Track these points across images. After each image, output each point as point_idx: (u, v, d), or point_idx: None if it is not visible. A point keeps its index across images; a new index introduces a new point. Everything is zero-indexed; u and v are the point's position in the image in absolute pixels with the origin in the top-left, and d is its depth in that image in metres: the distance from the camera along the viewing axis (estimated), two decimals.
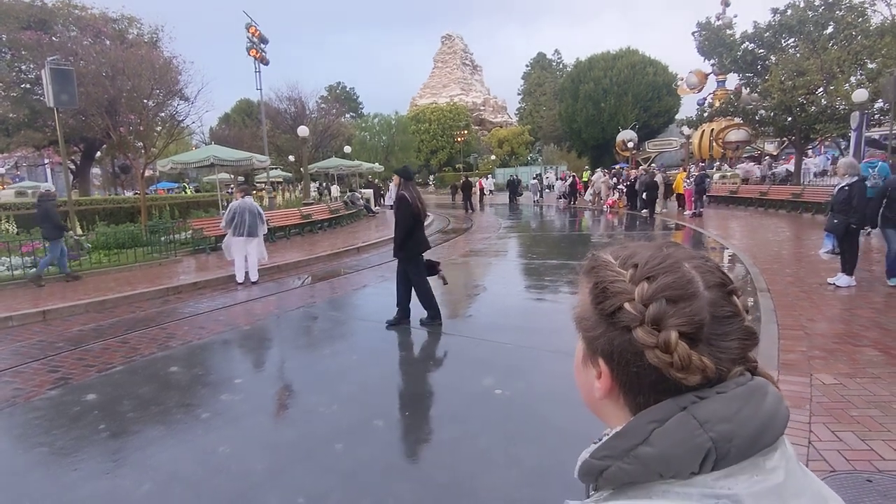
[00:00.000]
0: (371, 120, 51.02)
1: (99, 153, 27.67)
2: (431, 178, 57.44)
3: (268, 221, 13.70)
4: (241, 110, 54.68)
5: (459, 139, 56.20)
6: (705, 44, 26.12)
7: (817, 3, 22.32)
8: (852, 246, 6.90)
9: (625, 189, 22.79)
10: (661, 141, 39.24)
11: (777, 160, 30.36)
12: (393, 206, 6.39)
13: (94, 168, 33.67)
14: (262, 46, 20.13)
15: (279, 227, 15.30)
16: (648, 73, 44.25)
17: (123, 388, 4.65)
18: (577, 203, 27.00)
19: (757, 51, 24.25)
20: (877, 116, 20.06)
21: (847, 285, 6.87)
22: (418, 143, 54.36)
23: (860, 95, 15.96)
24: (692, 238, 13.52)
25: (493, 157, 58.84)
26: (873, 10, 20.85)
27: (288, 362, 5.57)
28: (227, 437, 3.69)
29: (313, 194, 25.21)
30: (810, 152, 27.52)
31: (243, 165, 18.71)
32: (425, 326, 6.16)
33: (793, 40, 22.91)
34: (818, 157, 27.72)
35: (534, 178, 33.10)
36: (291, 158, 35.17)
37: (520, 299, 7.84)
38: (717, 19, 28.70)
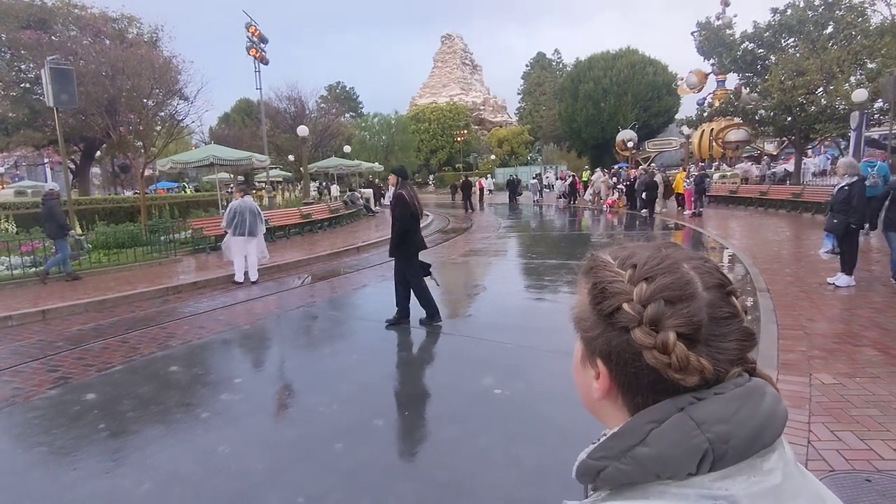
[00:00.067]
0: (371, 119, 50.99)
1: (99, 153, 27.65)
2: (431, 177, 57.41)
3: (267, 221, 13.76)
4: (240, 110, 54.67)
5: (459, 139, 56.19)
6: (705, 43, 26.14)
7: (817, 2, 22.34)
8: (852, 246, 6.90)
9: (624, 189, 22.82)
10: (661, 141, 39.25)
11: (777, 160, 30.37)
12: (390, 204, 6.39)
13: (94, 167, 33.65)
14: (262, 46, 20.14)
15: (279, 226, 15.30)
16: (648, 73, 44.29)
17: (123, 387, 4.65)
18: (576, 203, 27.02)
19: (757, 50, 24.28)
20: (876, 116, 20.08)
21: (846, 285, 6.88)
22: (418, 143, 54.33)
23: (860, 95, 15.97)
24: (692, 238, 13.52)
25: (492, 156, 58.82)
26: (873, 10, 20.90)
27: (288, 362, 5.58)
28: (227, 436, 3.69)
29: (313, 194, 25.21)
30: (810, 152, 27.54)
31: (243, 165, 18.73)
32: (425, 326, 6.17)
33: (792, 40, 22.92)
34: (818, 156, 27.72)
35: (533, 178, 33.10)
36: (291, 158, 35.18)
37: (519, 299, 7.84)
38: (717, 19, 28.72)
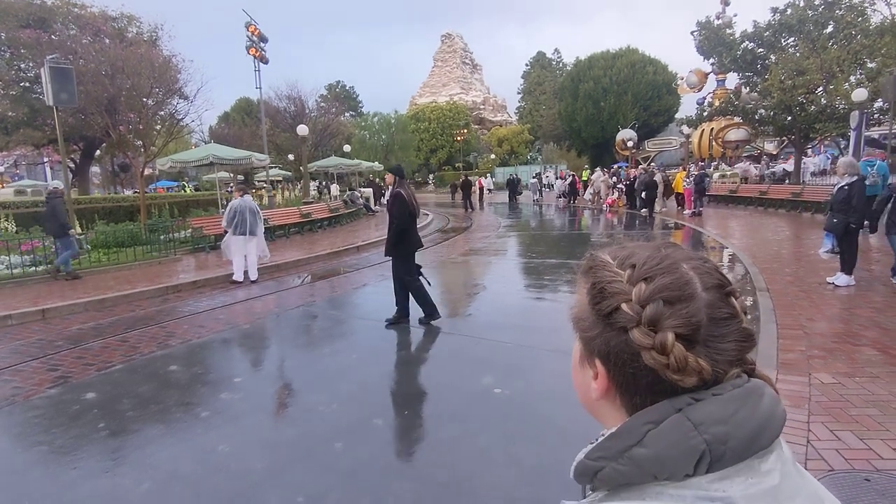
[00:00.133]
0: (371, 119, 50.95)
1: (98, 152, 27.64)
2: (431, 176, 57.39)
3: (267, 220, 13.77)
4: (240, 109, 54.65)
5: (459, 138, 56.16)
6: (705, 43, 26.11)
7: (817, 2, 22.32)
8: (851, 245, 6.90)
9: (624, 188, 22.83)
10: (661, 140, 39.23)
11: (776, 160, 30.37)
12: (388, 203, 6.40)
13: (94, 167, 33.61)
14: (262, 45, 20.10)
15: (279, 225, 15.30)
16: (648, 73, 44.27)
17: (123, 386, 4.65)
18: (576, 202, 27.03)
19: (757, 50, 24.25)
20: (876, 116, 20.08)
21: (846, 285, 6.88)
22: (418, 142, 54.29)
23: (860, 95, 15.96)
24: (691, 237, 13.53)
25: (492, 156, 58.78)
26: (873, 10, 20.87)
27: (287, 361, 5.58)
28: (227, 435, 3.69)
29: (313, 193, 25.21)
30: (810, 151, 27.53)
31: (243, 164, 18.73)
32: (424, 324, 6.18)
33: (792, 39, 22.90)
34: (818, 156, 27.71)
35: (533, 178, 33.11)
36: (291, 157, 35.18)
37: (519, 298, 7.85)
38: (717, 18, 28.68)
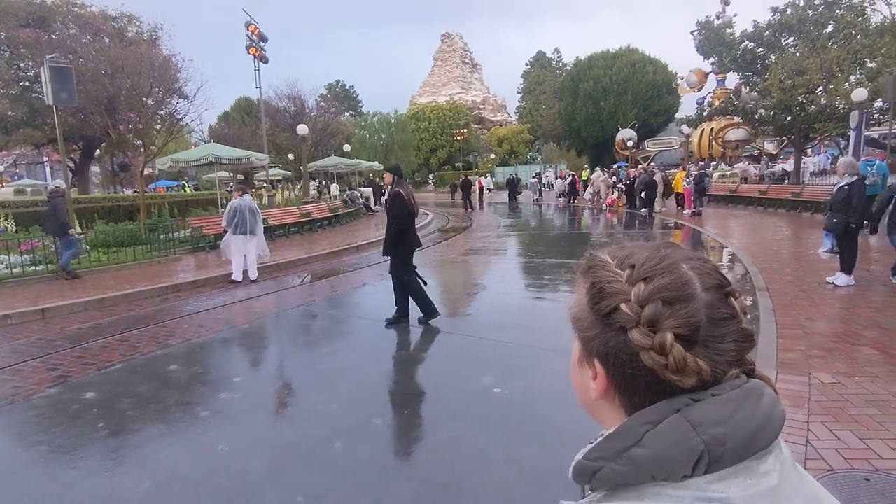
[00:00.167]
0: (370, 118, 50.89)
1: (98, 151, 27.62)
2: (431, 176, 57.37)
3: (267, 220, 13.77)
4: (240, 108, 54.64)
5: (459, 138, 56.14)
6: (705, 42, 26.09)
7: (817, 2, 22.29)
8: (851, 245, 6.90)
9: (624, 188, 22.84)
10: (661, 140, 39.24)
11: (776, 159, 30.38)
12: (386, 203, 6.38)
13: (94, 166, 33.59)
14: (262, 45, 20.08)
15: (279, 225, 15.30)
16: (648, 72, 44.28)
17: (122, 386, 4.65)
18: (576, 202, 27.04)
19: (757, 50, 24.22)
20: (876, 115, 20.08)
21: (846, 284, 6.88)
22: (418, 142, 54.25)
23: (859, 94, 15.95)
24: (691, 237, 13.53)
25: (492, 155, 58.74)
26: (873, 10, 20.85)
27: (287, 361, 5.58)
28: (227, 435, 3.69)
29: (313, 193, 25.22)
30: (810, 151, 27.53)
31: (242, 164, 18.72)
32: (423, 324, 6.19)
33: (792, 39, 22.88)
34: (818, 156, 27.71)
35: (533, 177, 33.11)
36: (291, 157, 35.17)
37: (519, 298, 7.85)
38: (717, 18, 28.68)
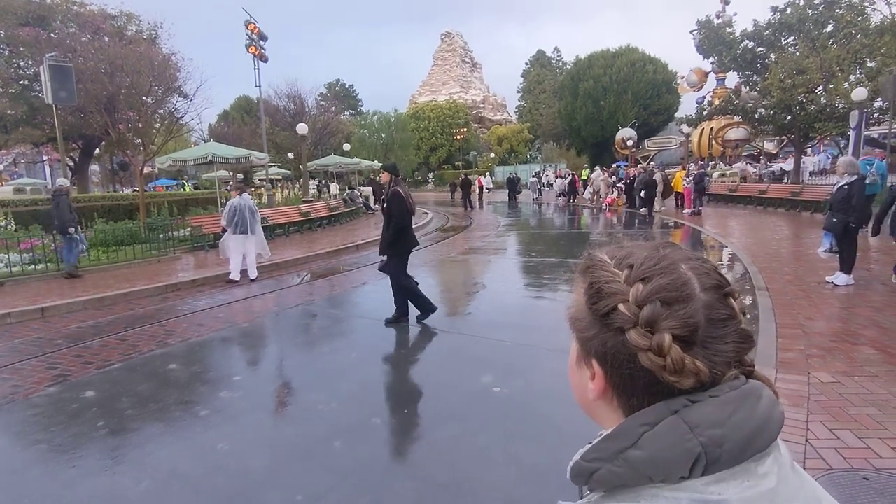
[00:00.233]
0: (370, 117, 50.84)
1: (98, 150, 27.61)
2: (431, 175, 57.35)
3: (266, 219, 13.78)
4: (240, 107, 54.63)
5: (459, 137, 56.12)
6: (705, 42, 26.09)
7: (817, 1, 22.28)
8: (851, 245, 6.90)
9: (623, 187, 22.84)
10: (661, 139, 39.29)
11: (775, 159, 30.39)
12: (384, 202, 6.33)
13: (93, 165, 33.55)
14: (262, 43, 20.05)
15: (278, 224, 15.29)
16: (648, 71, 44.25)
17: (122, 385, 4.65)
18: (575, 201, 27.05)
19: (757, 49, 24.22)
20: (876, 115, 20.09)
21: (845, 284, 6.88)
22: (417, 141, 54.22)
23: (859, 94, 15.94)
24: (691, 236, 13.53)
25: (492, 154, 58.73)
26: (873, 9, 20.83)
27: (287, 360, 5.58)
28: (226, 434, 3.69)
29: (312, 192, 25.22)
30: (809, 151, 27.52)
31: (242, 163, 18.70)
32: (421, 322, 6.20)
33: (792, 39, 22.87)
34: (818, 155, 27.72)
35: (533, 176, 33.12)
36: (290, 156, 35.16)
37: (519, 297, 7.85)
38: (717, 17, 28.68)
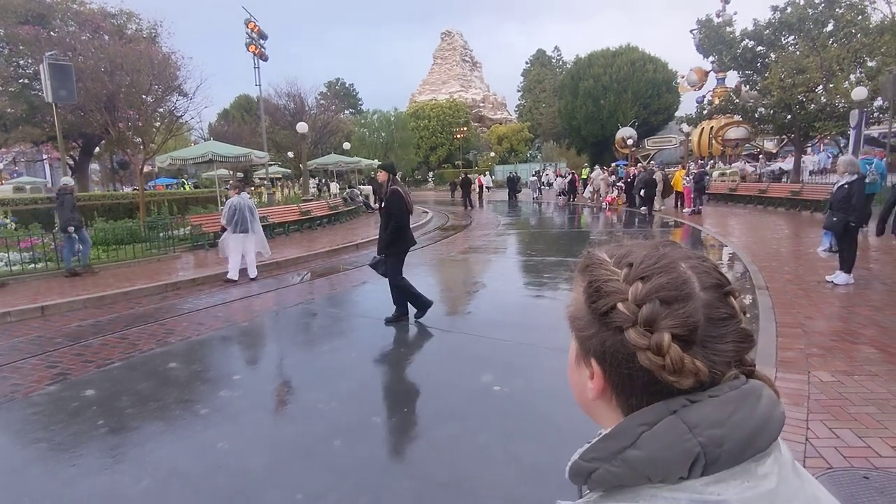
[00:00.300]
0: (370, 116, 50.82)
1: (98, 149, 27.58)
2: (431, 174, 57.34)
3: (266, 218, 13.77)
4: (239, 106, 54.56)
5: (459, 136, 56.09)
6: (705, 41, 26.06)
7: (817, 0, 22.27)
8: (851, 244, 6.89)
9: (623, 186, 22.85)
10: (661, 138, 39.29)
11: (775, 158, 30.38)
12: (383, 201, 6.30)
13: (93, 164, 33.49)
14: (262, 42, 20.03)
15: (278, 223, 15.29)
16: (648, 71, 44.24)
17: (122, 383, 4.65)
18: (575, 200, 27.04)
19: (757, 48, 24.19)
20: (876, 114, 20.07)
21: (845, 283, 6.88)
22: (417, 140, 54.21)
23: (859, 93, 15.94)
24: (691, 235, 13.53)
25: (492, 153, 58.73)
26: (873, 8, 20.82)
27: (287, 359, 5.58)
28: (226, 433, 3.70)
29: (312, 191, 25.21)
30: (809, 150, 27.51)
31: (242, 162, 18.70)
32: (418, 319, 6.22)
33: (792, 38, 22.84)
34: (818, 154, 27.72)
35: (533, 175, 33.12)
36: (290, 155, 35.13)
37: (519, 296, 7.85)
38: (717, 17, 28.66)
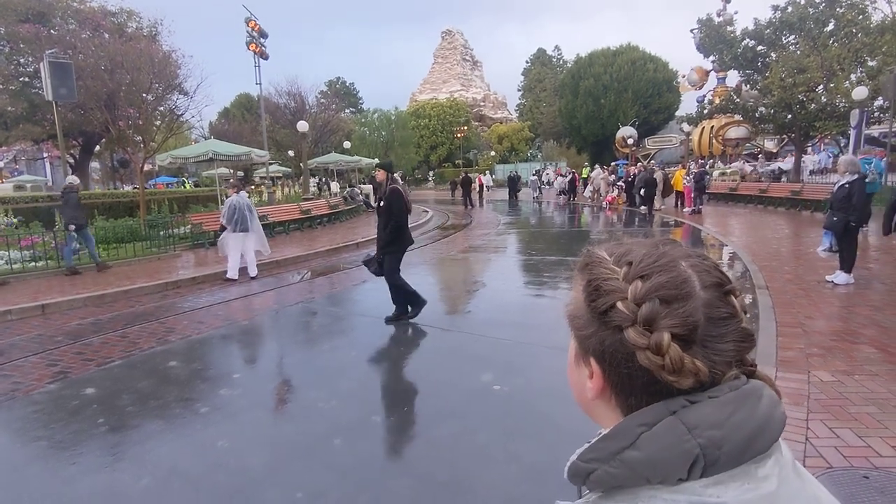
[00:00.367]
0: (371, 115, 50.80)
1: (98, 147, 27.57)
2: (431, 173, 57.32)
3: (266, 217, 13.78)
4: (240, 105, 54.53)
5: (459, 135, 56.05)
6: (705, 40, 26.06)
7: (818, 0, 22.26)
8: (851, 244, 6.89)
9: (623, 186, 22.84)
10: (661, 138, 39.26)
11: (775, 158, 30.38)
12: (382, 200, 6.21)
13: (93, 162, 33.50)
14: (262, 41, 20.01)
15: (278, 222, 15.29)
16: (649, 70, 44.17)
17: (122, 382, 4.65)
18: (576, 199, 27.03)
19: (757, 48, 24.18)
20: (876, 114, 20.07)
21: (845, 283, 6.88)
22: (418, 139, 54.18)
23: (860, 93, 15.94)
24: (691, 235, 13.53)
25: (492, 153, 58.70)
26: (874, 8, 20.82)
27: (287, 358, 5.58)
28: (226, 431, 3.70)
29: (312, 189, 25.19)
30: (810, 149, 27.50)
31: (242, 160, 18.68)
32: (413, 317, 6.23)
33: (793, 37, 22.84)
34: (818, 154, 27.70)
35: (533, 175, 33.11)
36: (291, 153, 35.12)
37: (519, 295, 7.85)
38: (718, 16, 28.64)
